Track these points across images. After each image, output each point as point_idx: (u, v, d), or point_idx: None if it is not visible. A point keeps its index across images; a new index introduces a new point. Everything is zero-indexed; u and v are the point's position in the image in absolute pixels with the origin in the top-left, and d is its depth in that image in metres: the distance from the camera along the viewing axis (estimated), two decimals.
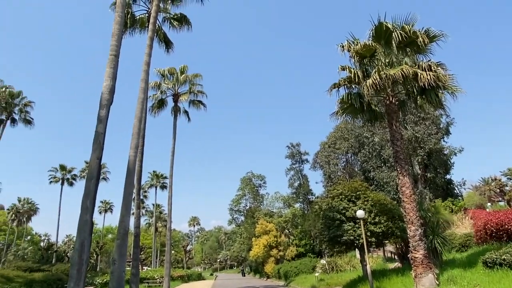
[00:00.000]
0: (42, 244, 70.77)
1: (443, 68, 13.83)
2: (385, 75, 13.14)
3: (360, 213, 16.78)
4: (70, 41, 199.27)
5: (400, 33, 13.42)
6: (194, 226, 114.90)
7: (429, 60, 14.21)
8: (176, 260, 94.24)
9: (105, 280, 32.61)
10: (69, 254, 60.43)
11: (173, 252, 64.49)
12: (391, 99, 14.49)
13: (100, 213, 71.80)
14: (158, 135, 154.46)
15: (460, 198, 41.77)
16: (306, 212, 51.21)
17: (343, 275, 25.39)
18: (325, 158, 51.69)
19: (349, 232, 18.51)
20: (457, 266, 13.90)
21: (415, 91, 14.76)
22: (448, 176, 42.25)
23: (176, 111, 29.07)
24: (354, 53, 14.89)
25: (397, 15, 14.04)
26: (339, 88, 15.84)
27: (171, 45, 22.74)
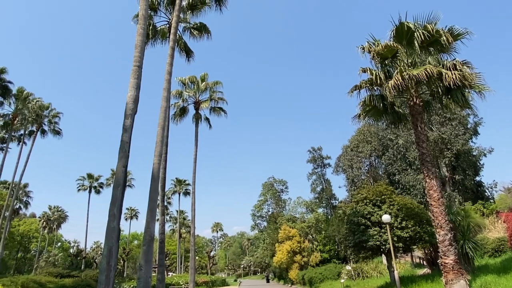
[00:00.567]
0: (71, 250, 73.02)
1: (469, 66, 13.40)
2: (408, 76, 12.85)
3: (386, 218, 16.39)
4: (97, 54, 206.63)
5: (422, 33, 13.11)
6: (217, 232, 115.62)
7: (454, 59, 13.80)
8: (200, 266, 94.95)
9: (132, 286, 33.26)
10: (97, 260, 62.13)
11: (197, 258, 65.06)
12: (415, 100, 14.15)
13: (126, 219, 73.69)
14: (180, 142, 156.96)
15: (491, 200, 39.94)
16: (329, 217, 50.51)
17: (370, 281, 24.77)
18: (347, 161, 50.92)
19: (375, 237, 18.11)
20: (490, 272, 13.33)
21: (440, 91, 14.34)
22: (477, 178, 40.55)
23: (197, 118, 29.49)
24: (375, 54, 14.66)
25: (418, 14, 13.76)
26: (360, 90, 15.60)
27: (191, 54, 23.14)
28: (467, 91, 13.75)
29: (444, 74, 12.66)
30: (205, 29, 22.22)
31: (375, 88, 15.52)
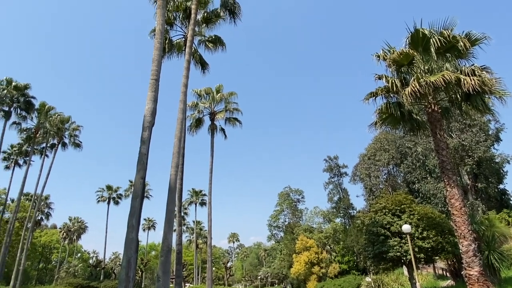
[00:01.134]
0: (90, 261, 74.07)
1: (488, 71, 13.11)
2: (425, 82, 12.68)
3: (406, 228, 16.00)
4: (116, 68, 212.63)
5: (438, 39, 12.97)
6: (233, 242, 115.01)
7: (472, 64, 13.55)
8: (217, 277, 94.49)
9: None
10: (115, 271, 62.74)
11: (214, 269, 64.87)
12: (433, 107, 13.90)
13: (144, 230, 74.35)
14: (195, 153, 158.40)
15: None
16: (347, 227, 49.65)
17: None
18: (365, 170, 50.15)
19: (395, 248, 17.66)
20: None
21: (458, 97, 14.06)
22: (501, 186, 39.24)
23: (213, 129, 29.77)
24: (390, 62, 14.55)
25: (434, 21, 13.64)
26: (376, 97, 15.43)
27: (207, 66, 23.49)
28: (487, 96, 13.46)
29: (462, 80, 12.42)
30: (220, 42, 22.56)
31: (391, 95, 15.34)
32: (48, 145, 40.41)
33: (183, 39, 21.58)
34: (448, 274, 25.12)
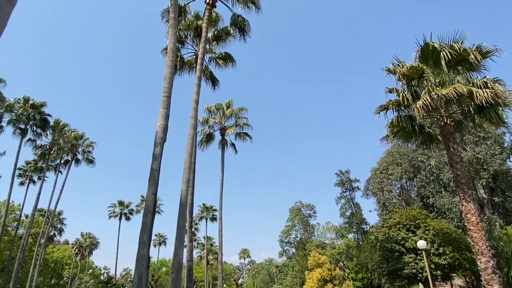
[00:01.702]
0: (102, 277, 73.92)
1: (501, 84, 12.99)
2: (436, 96, 12.59)
3: (421, 244, 15.61)
4: (128, 85, 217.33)
5: (449, 52, 12.93)
6: (244, 258, 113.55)
7: (485, 76, 13.44)
8: None
9: None
10: (126, 287, 62.43)
11: (225, 285, 63.97)
12: (445, 120, 13.75)
13: (154, 246, 74.05)
14: (206, 167, 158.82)
15: None
16: (361, 243, 48.63)
17: None
18: (377, 184, 49.38)
19: (411, 264, 17.23)
20: None
21: (471, 109, 13.91)
22: None
23: (223, 144, 29.93)
24: (400, 76, 14.53)
25: (443, 34, 13.63)
26: (387, 110, 15.41)
27: (217, 83, 23.81)
28: (500, 109, 13.27)
29: (475, 92, 12.30)
30: (230, 58, 22.90)
31: (402, 108, 15.26)
32: (62, 162, 41.09)
33: (194, 57, 21.99)
34: None
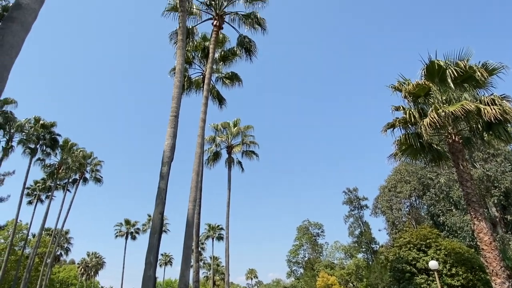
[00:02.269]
0: None
1: (509, 100, 12.94)
2: (443, 113, 12.55)
3: (433, 264, 15.19)
4: (135, 104, 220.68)
5: (455, 69, 12.98)
6: (251, 279, 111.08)
7: (492, 93, 13.41)
8: None
9: None
10: None
11: None
12: (453, 137, 13.64)
13: (160, 266, 73.09)
14: (212, 186, 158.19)
15: None
16: (370, 263, 47.50)
17: None
18: (386, 203, 48.63)
19: (423, 286, 16.76)
20: None
21: (480, 126, 13.80)
22: None
23: (230, 162, 29.97)
24: (406, 94, 14.57)
25: (449, 52, 13.72)
26: (394, 128, 15.37)
27: (224, 102, 24.08)
28: (509, 125, 13.16)
29: (482, 109, 12.25)
30: (237, 78, 23.24)
31: (409, 126, 15.22)
32: (70, 180, 41.38)
33: (201, 77, 22.36)
34: None
